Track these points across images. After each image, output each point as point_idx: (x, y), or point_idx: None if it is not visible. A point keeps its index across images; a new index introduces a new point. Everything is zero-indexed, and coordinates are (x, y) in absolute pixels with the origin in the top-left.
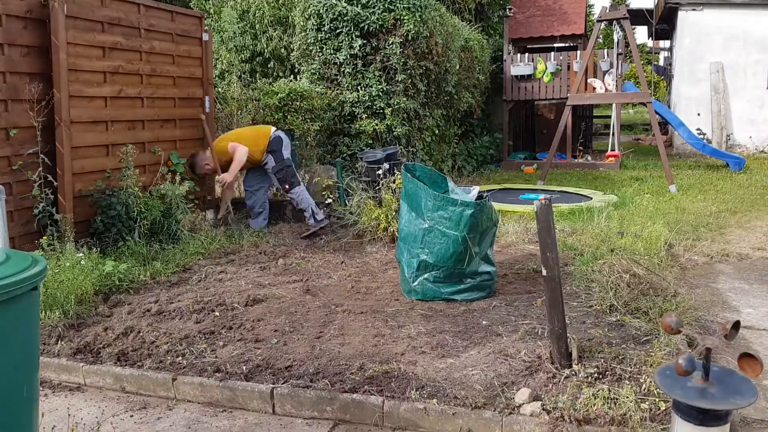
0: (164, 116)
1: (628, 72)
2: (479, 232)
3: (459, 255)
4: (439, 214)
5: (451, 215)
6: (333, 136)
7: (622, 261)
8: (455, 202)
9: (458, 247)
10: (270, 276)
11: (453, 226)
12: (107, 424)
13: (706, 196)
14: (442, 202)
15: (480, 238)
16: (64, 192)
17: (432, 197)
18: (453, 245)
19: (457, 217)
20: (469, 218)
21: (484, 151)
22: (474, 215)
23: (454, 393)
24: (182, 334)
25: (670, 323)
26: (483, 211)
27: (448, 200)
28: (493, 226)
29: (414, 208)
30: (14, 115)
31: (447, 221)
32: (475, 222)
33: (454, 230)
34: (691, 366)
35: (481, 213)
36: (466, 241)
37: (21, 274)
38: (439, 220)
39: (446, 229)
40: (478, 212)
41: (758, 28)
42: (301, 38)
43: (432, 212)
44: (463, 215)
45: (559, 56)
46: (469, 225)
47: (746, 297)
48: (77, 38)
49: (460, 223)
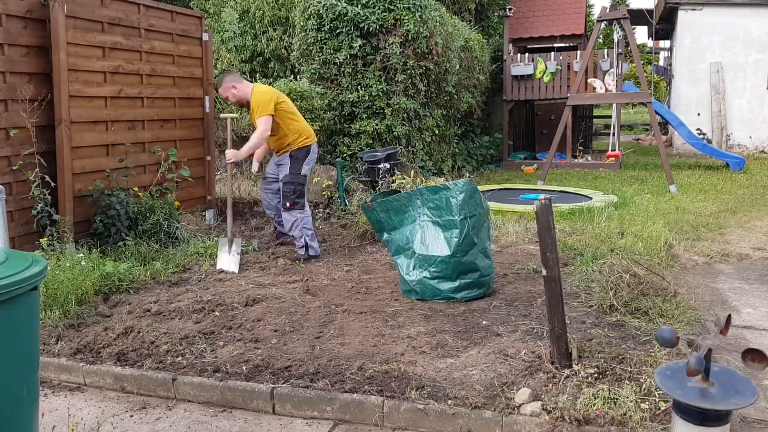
0: (164, 116)
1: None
2: (471, 216)
3: (456, 244)
4: (430, 205)
5: (440, 203)
6: (333, 136)
7: (622, 261)
8: (445, 187)
9: (454, 234)
10: (270, 276)
11: (446, 213)
12: (107, 424)
13: (706, 196)
14: (430, 192)
15: (473, 224)
16: (64, 192)
17: (419, 193)
18: (449, 233)
19: (447, 202)
20: (461, 201)
21: (484, 151)
22: (464, 198)
23: (454, 393)
24: (182, 334)
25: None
26: (473, 195)
27: (436, 188)
28: (485, 214)
29: (399, 221)
30: (14, 115)
31: (438, 210)
32: (465, 204)
33: (447, 216)
34: (700, 365)
35: (472, 196)
36: (462, 224)
37: (21, 274)
38: (430, 212)
39: (439, 218)
40: (467, 194)
41: (758, 27)
42: (301, 38)
43: (422, 207)
44: (453, 198)
45: (559, 56)
46: (460, 207)
47: (746, 297)
48: (77, 38)
49: (452, 208)
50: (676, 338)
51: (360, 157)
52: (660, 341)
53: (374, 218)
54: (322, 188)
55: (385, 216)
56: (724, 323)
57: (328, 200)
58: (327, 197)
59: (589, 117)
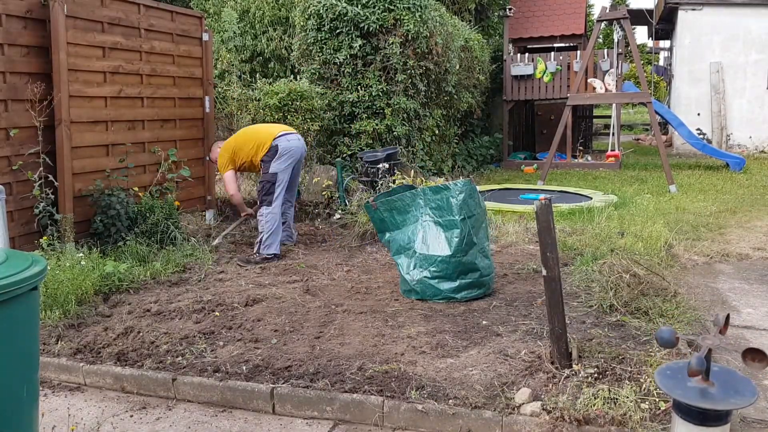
0: (164, 116)
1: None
2: (471, 216)
3: (457, 243)
4: (432, 205)
5: (441, 203)
6: (333, 136)
7: (622, 261)
8: (446, 187)
9: (455, 234)
10: (270, 276)
11: (447, 213)
12: (107, 424)
13: (706, 196)
14: (433, 192)
15: (473, 224)
16: (64, 192)
17: (422, 193)
18: (449, 233)
19: (447, 202)
20: (461, 201)
21: (484, 151)
22: (464, 198)
23: (454, 393)
24: (182, 334)
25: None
26: (472, 194)
27: (438, 188)
28: (483, 214)
29: (401, 221)
30: (14, 115)
31: (440, 210)
32: (464, 204)
33: (448, 216)
34: (702, 366)
35: (471, 195)
36: (463, 224)
37: (21, 274)
38: (432, 212)
39: (441, 218)
40: (467, 194)
41: (758, 27)
42: (301, 38)
43: (425, 207)
44: (453, 198)
45: (559, 56)
46: (460, 207)
47: (746, 297)
48: (77, 38)
49: (452, 208)
50: (675, 338)
51: (360, 157)
52: (659, 342)
53: (377, 218)
54: (322, 188)
55: (389, 215)
56: (723, 323)
57: (328, 200)
58: (327, 197)
59: (589, 117)
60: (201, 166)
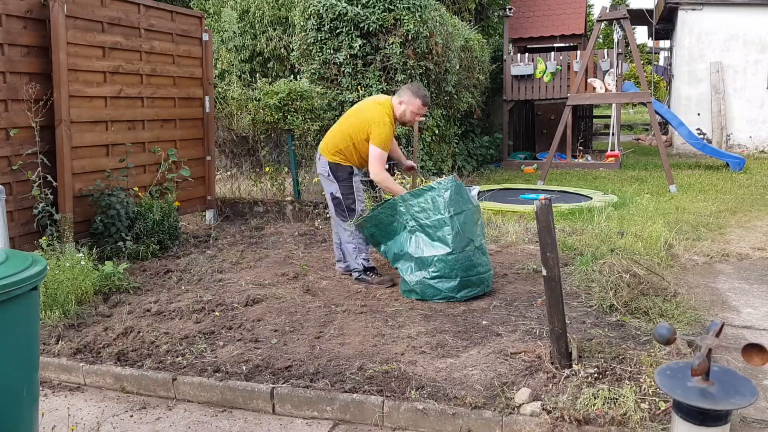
0: (164, 116)
1: (628, 72)
2: (461, 212)
3: (450, 241)
4: (415, 209)
5: (425, 205)
6: None
7: (622, 261)
8: (430, 188)
9: (447, 232)
10: (270, 276)
11: (434, 213)
12: (107, 424)
13: (706, 196)
14: (413, 196)
15: (464, 220)
16: (64, 192)
17: (401, 200)
18: (441, 232)
19: (433, 202)
20: (448, 198)
21: (484, 151)
22: (451, 195)
23: (454, 393)
24: (182, 334)
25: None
26: (459, 191)
27: (419, 191)
28: (475, 211)
29: (391, 231)
30: (14, 115)
31: (426, 212)
32: (452, 200)
33: (436, 215)
34: (706, 364)
35: (458, 192)
36: (453, 221)
37: (21, 274)
38: (417, 215)
39: (428, 220)
40: (453, 191)
41: (758, 28)
42: (301, 38)
43: (406, 213)
44: (439, 197)
45: (559, 56)
46: (447, 204)
47: (746, 297)
48: (77, 38)
49: (440, 207)
50: (673, 335)
51: None
52: (657, 338)
53: (368, 233)
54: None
55: (376, 230)
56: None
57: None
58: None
59: (589, 117)
60: (201, 166)
